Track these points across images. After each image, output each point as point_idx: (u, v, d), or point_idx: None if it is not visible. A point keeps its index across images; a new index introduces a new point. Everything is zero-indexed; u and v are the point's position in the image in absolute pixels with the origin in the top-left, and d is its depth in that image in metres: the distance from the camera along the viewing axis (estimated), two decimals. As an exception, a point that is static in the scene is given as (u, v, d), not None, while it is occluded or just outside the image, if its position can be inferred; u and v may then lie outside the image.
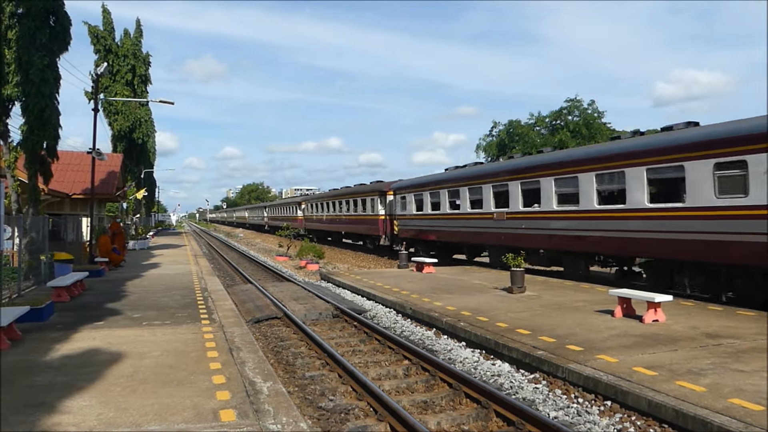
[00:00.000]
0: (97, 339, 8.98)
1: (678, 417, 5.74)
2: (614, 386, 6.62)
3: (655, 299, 9.99)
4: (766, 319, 10.19)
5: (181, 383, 6.58)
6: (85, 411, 5.69)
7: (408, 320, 12.42)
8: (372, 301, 14.93)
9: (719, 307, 11.58)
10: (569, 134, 46.85)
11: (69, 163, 28.90)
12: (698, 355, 7.75)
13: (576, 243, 16.47)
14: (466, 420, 6.60)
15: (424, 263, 19.61)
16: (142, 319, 10.77)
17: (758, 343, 8.33)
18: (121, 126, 41.30)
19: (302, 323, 11.69)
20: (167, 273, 19.90)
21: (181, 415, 5.55)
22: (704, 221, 12.22)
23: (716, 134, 12.28)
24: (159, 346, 8.44)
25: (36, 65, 16.47)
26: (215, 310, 11.90)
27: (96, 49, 40.80)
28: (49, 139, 17.46)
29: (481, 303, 12.51)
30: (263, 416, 5.56)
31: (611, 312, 10.87)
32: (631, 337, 8.86)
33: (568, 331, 9.44)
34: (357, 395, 7.41)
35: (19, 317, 9.13)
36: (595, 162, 15.59)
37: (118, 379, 6.78)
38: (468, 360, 9.07)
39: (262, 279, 22.26)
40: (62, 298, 12.91)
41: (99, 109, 24.01)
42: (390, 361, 9.26)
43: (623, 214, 14.55)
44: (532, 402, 7.05)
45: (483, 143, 55.01)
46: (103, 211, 36.16)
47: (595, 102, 48.88)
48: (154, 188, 66.09)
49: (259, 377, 6.89)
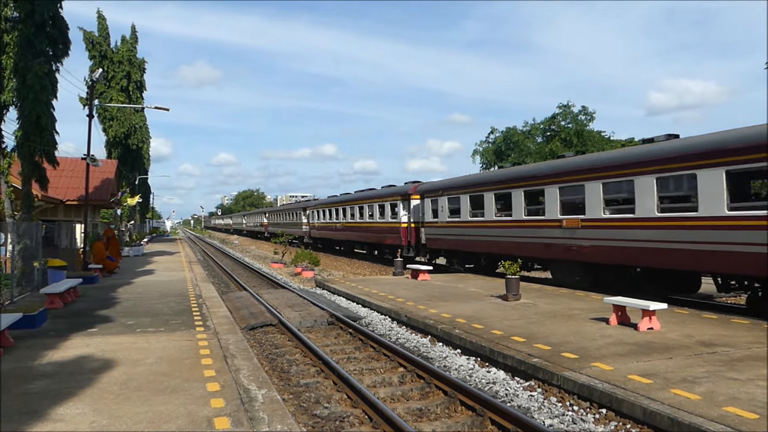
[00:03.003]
0: (91, 346, 8.92)
1: (673, 425, 5.74)
2: (609, 394, 6.62)
3: (650, 307, 10.01)
4: (766, 328, 10.22)
5: (175, 391, 6.54)
6: (78, 419, 5.65)
7: (403, 327, 12.40)
8: (367, 308, 14.90)
9: (714, 315, 11.61)
10: (560, 144, 47.06)
11: (63, 169, 28.74)
12: (693, 363, 7.76)
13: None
14: (461, 427, 6.58)
15: (419, 270, 19.59)
16: (136, 326, 10.71)
17: (753, 352, 8.36)
18: (116, 132, 41.27)
19: (297, 330, 11.66)
20: (161, 280, 19.81)
21: (174, 422, 5.51)
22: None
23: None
24: (153, 354, 8.40)
25: (35, 72, 16.43)
26: (210, 317, 11.84)
27: (91, 54, 40.82)
28: (47, 146, 17.41)
29: (476, 310, 12.51)
30: (258, 424, 5.53)
31: (606, 320, 10.89)
32: (626, 345, 8.87)
33: (563, 338, 9.44)
34: (352, 403, 7.38)
35: (11, 324, 9.06)
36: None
37: (112, 386, 6.73)
38: (463, 367, 9.05)
39: (257, 286, 22.19)
40: (55, 305, 12.83)
41: (94, 115, 23.94)
42: (385, 369, 9.23)
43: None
44: (528, 410, 7.04)
45: (480, 149, 55.23)
46: (98, 218, 36.02)
47: (587, 108, 49.03)
48: (148, 195, 66.04)
49: (253, 384, 6.86)
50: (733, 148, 11.63)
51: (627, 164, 14.45)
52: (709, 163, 12.15)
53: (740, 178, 12.23)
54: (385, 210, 29.84)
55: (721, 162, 11.83)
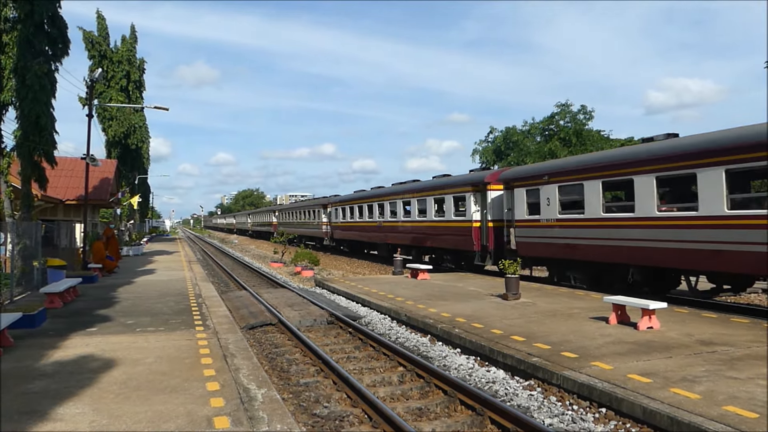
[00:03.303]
0: (90, 346, 8.92)
1: (673, 424, 5.74)
2: (609, 393, 6.62)
3: (650, 306, 10.01)
4: (766, 327, 10.22)
5: (174, 390, 6.54)
6: (77, 418, 5.65)
7: (403, 327, 12.40)
8: (367, 307, 14.90)
9: (713, 314, 11.62)
10: (558, 144, 46.97)
11: (62, 169, 28.73)
12: (693, 362, 7.76)
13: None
14: (460, 427, 6.58)
15: (419, 270, 19.58)
16: (136, 325, 10.71)
17: (752, 351, 8.36)
18: (116, 132, 41.24)
19: (297, 330, 11.66)
20: (161, 279, 19.81)
21: (174, 422, 5.51)
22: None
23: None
24: (152, 353, 8.39)
25: (34, 72, 16.42)
26: (209, 316, 11.84)
27: (90, 54, 40.80)
28: (46, 146, 17.40)
29: (476, 310, 12.51)
30: (257, 423, 5.53)
31: (606, 319, 10.89)
32: (626, 344, 8.88)
33: (562, 338, 9.44)
34: (352, 402, 7.38)
35: (11, 324, 9.06)
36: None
37: (111, 386, 6.73)
38: (463, 367, 9.06)
39: (257, 285, 22.19)
40: (55, 305, 12.82)
41: (93, 114, 23.93)
42: (385, 368, 9.23)
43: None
44: (527, 409, 7.04)
45: (479, 148, 55.18)
46: (97, 217, 36.01)
47: (586, 106, 48.86)
48: (148, 194, 65.99)
49: (253, 384, 6.86)
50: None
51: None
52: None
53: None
54: (445, 205, 23.32)
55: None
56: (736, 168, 11.73)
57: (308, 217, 48.23)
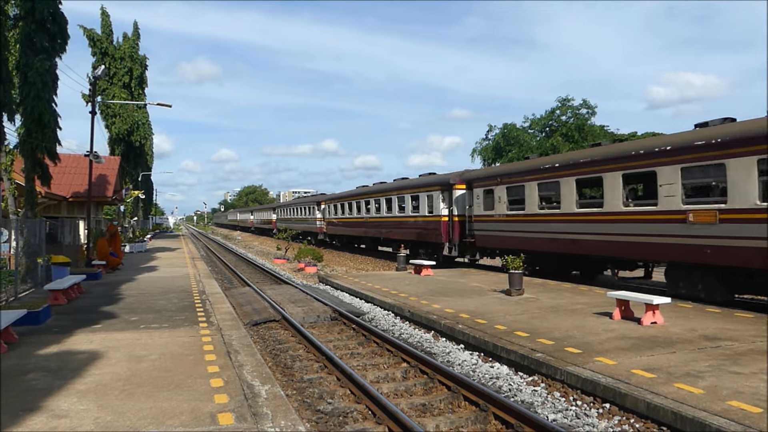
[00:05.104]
0: (95, 342, 8.95)
1: (676, 419, 5.73)
2: (613, 388, 6.61)
3: (654, 301, 9.99)
4: (766, 321, 10.20)
5: (178, 386, 6.55)
6: (82, 415, 5.66)
7: (406, 323, 12.40)
8: (370, 303, 14.91)
9: (717, 309, 11.59)
10: (560, 138, 46.75)
11: (66, 166, 28.83)
12: (696, 357, 7.75)
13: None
14: (464, 423, 6.59)
15: (422, 266, 19.59)
16: (140, 322, 10.73)
17: (756, 346, 8.34)
18: (119, 129, 41.31)
19: (300, 326, 11.67)
20: (165, 276, 19.85)
21: (178, 418, 5.53)
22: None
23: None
24: (156, 350, 8.42)
25: (36, 68, 16.44)
26: (213, 313, 11.86)
27: (93, 51, 40.84)
28: (49, 143, 17.43)
29: (479, 305, 12.50)
30: (261, 419, 5.54)
31: (609, 314, 10.87)
32: (630, 340, 8.86)
33: (566, 333, 9.44)
34: (355, 398, 7.39)
35: (15, 320, 9.08)
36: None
37: (116, 382, 6.75)
38: (466, 362, 9.06)
39: (260, 282, 22.22)
40: (59, 302, 12.86)
41: (96, 111, 23.96)
42: (388, 364, 9.24)
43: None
44: (531, 404, 7.04)
45: (479, 147, 55.00)
46: (101, 214, 36.09)
47: (587, 101, 48.53)
48: (151, 191, 66.04)
49: (257, 380, 6.87)
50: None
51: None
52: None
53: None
54: (420, 202, 26.15)
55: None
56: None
57: (304, 214, 50.00)
